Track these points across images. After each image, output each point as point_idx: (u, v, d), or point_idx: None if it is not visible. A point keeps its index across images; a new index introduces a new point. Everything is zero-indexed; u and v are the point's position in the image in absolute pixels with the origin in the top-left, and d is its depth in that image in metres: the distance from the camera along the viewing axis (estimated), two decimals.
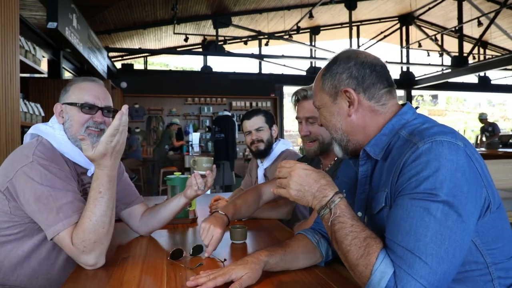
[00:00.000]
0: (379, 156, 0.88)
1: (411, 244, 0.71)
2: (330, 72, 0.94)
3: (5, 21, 2.43)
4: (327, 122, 0.97)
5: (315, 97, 1.00)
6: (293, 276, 1.00)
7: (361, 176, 0.95)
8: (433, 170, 0.73)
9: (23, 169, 1.06)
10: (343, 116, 0.93)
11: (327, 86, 0.95)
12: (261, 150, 2.03)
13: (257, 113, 2.07)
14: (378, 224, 0.86)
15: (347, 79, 0.91)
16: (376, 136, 0.90)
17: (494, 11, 7.68)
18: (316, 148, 1.45)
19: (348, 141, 0.95)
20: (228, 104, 9.35)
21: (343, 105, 0.93)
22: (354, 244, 0.77)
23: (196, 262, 1.11)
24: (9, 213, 1.11)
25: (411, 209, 0.73)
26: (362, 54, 0.94)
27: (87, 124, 1.22)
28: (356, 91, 0.91)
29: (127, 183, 1.47)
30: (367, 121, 0.92)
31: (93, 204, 1.04)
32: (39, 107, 3.27)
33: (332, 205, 0.83)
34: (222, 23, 7.97)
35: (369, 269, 0.74)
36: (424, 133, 0.79)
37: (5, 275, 1.13)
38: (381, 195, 0.85)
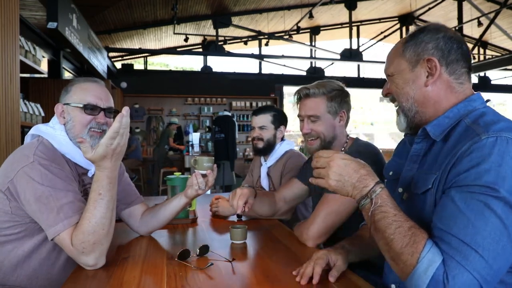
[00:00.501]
0: (438, 137, 0.88)
1: (469, 237, 0.70)
2: (415, 40, 0.92)
3: (5, 21, 2.42)
4: (399, 89, 0.95)
5: (390, 64, 0.97)
6: (293, 277, 1.00)
7: (413, 153, 0.94)
8: (495, 164, 0.72)
9: (24, 169, 1.06)
10: (419, 85, 0.91)
11: (408, 52, 0.93)
12: (259, 148, 2.06)
13: (265, 111, 2.08)
14: (418, 204, 0.86)
15: (433, 49, 0.90)
16: (439, 117, 0.89)
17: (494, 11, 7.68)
18: (317, 146, 1.44)
19: (416, 113, 0.93)
20: (228, 104, 9.35)
21: (421, 74, 0.91)
22: (399, 232, 0.77)
23: (203, 262, 1.11)
24: (9, 213, 1.10)
25: (470, 202, 0.72)
26: (451, 29, 0.93)
27: (90, 126, 1.22)
28: (440, 62, 0.89)
29: (127, 183, 1.47)
30: (441, 96, 0.90)
31: (93, 205, 1.04)
32: (39, 107, 3.27)
33: (373, 195, 0.82)
34: (222, 23, 7.97)
35: (415, 257, 0.73)
36: (489, 126, 0.78)
37: (5, 275, 1.13)
38: (430, 177, 0.84)
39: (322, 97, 1.43)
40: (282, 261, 1.13)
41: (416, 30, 0.95)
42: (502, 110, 26.79)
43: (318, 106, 1.42)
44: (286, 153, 2.04)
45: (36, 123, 3.10)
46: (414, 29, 0.96)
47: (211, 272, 1.04)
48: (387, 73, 0.99)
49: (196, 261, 1.12)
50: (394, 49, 0.98)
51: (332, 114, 1.44)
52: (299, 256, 1.18)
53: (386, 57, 1.01)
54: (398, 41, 0.98)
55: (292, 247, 1.27)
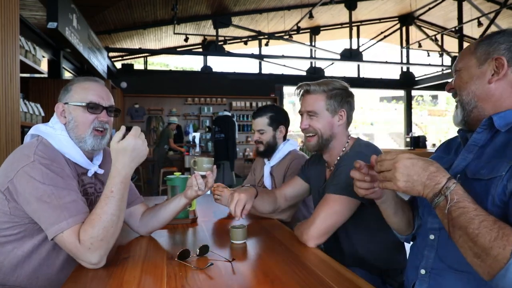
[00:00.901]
0: (504, 128, 0.88)
1: None
2: (490, 40, 0.94)
3: (5, 21, 2.42)
4: (462, 83, 0.97)
5: (460, 60, 1.00)
6: (293, 276, 1.00)
7: (471, 142, 0.94)
8: None
9: (24, 168, 1.06)
10: (483, 81, 0.93)
11: (479, 50, 0.95)
12: (260, 151, 2.08)
13: (261, 114, 2.08)
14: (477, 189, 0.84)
15: (504, 50, 0.92)
16: (506, 110, 0.90)
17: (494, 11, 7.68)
18: (315, 143, 1.45)
19: (475, 107, 0.94)
20: (228, 104, 9.35)
21: (487, 71, 0.93)
22: (484, 226, 0.74)
23: (203, 262, 1.11)
24: (8, 214, 1.10)
25: None
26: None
27: (93, 125, 1.23)
28: (508, 63, 0.91)
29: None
30: (504, 95, 0.91)
31: (104, 202, 1.06)
32: (39, 107, 3.27)
33: (447, 192, 0.80)
34: (222, 23, 7.97)
35: (508, 250, 0.70)
36: None
37: (5, 275, 1.13)
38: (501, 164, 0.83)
39: (321, 94, 1.43)
40: (282, 261, 1.12)
41: (494, 32, 0.97)
42: None
43: (316, 103, 1.43)
44: (289, 153, 2.04)
45: (36, 123, 3.10)
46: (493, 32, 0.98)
47: (211, 272, 1.04)
48: (455, 68, 1.01)
49: (196, 261, 1.12)
50: (468, 46, 1.00)
51: (331, 112, 1.44)
52: (299, 256, 1.18)
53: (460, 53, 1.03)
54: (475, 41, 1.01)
55: (292, 247, 1.27)
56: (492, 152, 0.88)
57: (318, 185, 1.56)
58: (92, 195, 1.30)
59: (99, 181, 1.34)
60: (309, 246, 1.28)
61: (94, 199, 1.31)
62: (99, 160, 1.33)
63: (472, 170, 0.89)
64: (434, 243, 0.96)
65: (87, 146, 1.23)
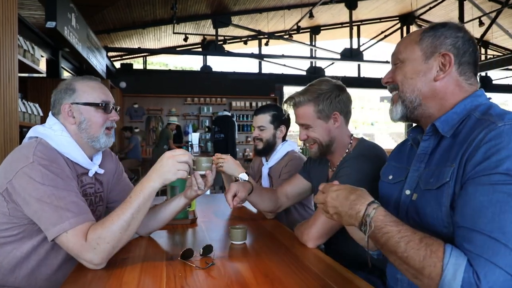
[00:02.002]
0: (448, 133, 0.86)
1: (496, 231, 0.67)
2: (435, 32, 0.91)
3: (3, 20, 2.41)
4: (406, 79, 0.93)
5: (403, 49, 0.95)
6: (293, 276, 0.99)
7: (421, 151, 0.92)
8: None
9: (24, 169, 1.05)
10: (429, 78, 0.90)
11: (425, 42, 0.91)
12: (259, 149, 2.06)
13: (264, 111, 2.07)
14: (431, 201, 0.83)
15: (450, 46, 0.89)
16: (447, 113, 0.88)
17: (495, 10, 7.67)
18: (316, 150, 1.45)
19: (419, 105, 0.92)
20: (228, 104, 9.35)
21: (433, 67, 0.90)
22: (411, 247, 0.73)
23: (204, 262, 1.11)
24: (7, 215, 1.10)
25: (493, 195, 0.69)
26: (469, 32, 0.92)
27: (106, 124, 1.24)
28: (454, 60, 0.88)
29: (126, 184, 1.47)
30: (448, 93, 0.89)
31: (121, 207, 1.08)
32: (37, 107, 3.26)
33: (368, 219, 0.79)
34: (222, 23, 7.96)
35: (438, 266, 0.70)
36: (502, 115, 0.77)
37: (4, 276, 1.12)
38: (446, 170, 0.81)
39: (308, 104, 1.40)
40: (282, 261, 1.12)
41: (437, 23, 0.94)
42: None
43: (306, 115, 1.42)
44: (287, 154, 2.03)
45: (35, 123, 3.09)
46: (436, 22, 0.95)
47: (211, 272, 1.04)
48: (396, 58, 0.96)
49: (199, 261, 1.12)
50: (410, 35, 0.96)
51: (323, 119, 1.41)
52: (299, 257, 1.17)
53: (399, 42, 0.98)
54: (416, 30, 0.97)
55: (292, 248, 1.27)
56: (439, 158, 0.87)
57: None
58: (92, 195, 1.30)
59: (98, 181, 1.34)
60: (309, 247, 1.28)
61: (94, 199, 1.30)
62: (99, 160, 1.32)
63: (423, 180, 0.88)
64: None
65: (100, 144, 1.24)
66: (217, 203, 2.19)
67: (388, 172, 1.06)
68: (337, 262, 1.11)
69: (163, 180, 1.11)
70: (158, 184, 1.10)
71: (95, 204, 1.32)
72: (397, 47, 0.98)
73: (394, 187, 1.00)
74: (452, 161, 0.81)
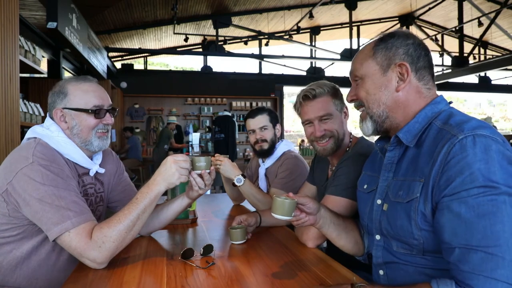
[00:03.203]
0: (412, 143, 0.88)
1: (491, 246, 0.68)
2: (386, 44, 0.93)
3: (5, 21, 2.42)
4: (370, 95, 0.94)
5: (359, 66, 0.96)
6: (293, 276, 1.00)
7: (387, 161, 0.94)
8: (485, 162, 0.71)
9: (23, 170, 1.05)
10: (391, 90, 0.92)
11: (379, 55, 0.93)
12: (265, 150, 2.01)
13: (261, 111, 2.05)
14: (401, 213, 0.85)
15: (404, 55, 0.91)
16: (409, 123, 0.90)
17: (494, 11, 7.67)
18: (332, 145, 1.40)
19: (387, 118, 0.93)
20: (228, 104, 9.35)
21: (392, 79, 0.91)
22: None
23: (204, 261, 1.11)
24: (7, 215, 1.10)
25: (479, 208, 0.70)
26: (417, 37, 0.95)
27: (97, 129, 1.23)
28: (411, 68, 0.90)
29: (127, 183, 1.47)
30: (410, 101, 0.91)
31: (127, 207, 1.10)
32: (38, 107, 3.27)
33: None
34: (222, 23, 7.97)
35: None
36: (462, 125, 0.78)
37: (4, 276, 1.13)
38: (415, 184, 0.82)
39: (327, 96, 1.41)
40: (282, 261, 1.12)
41: (385, 35, 0.96)
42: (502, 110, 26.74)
43: (327, 105, 1.40)
44: (283, 154, 2.02)
45: (36, 123, 3.10)
46: (382, 34, 0.96)
47: (212, 271, 1.04)
48: (355, 75, 0.98)
49: (199, 261, 1.12)
50: (363, 51, 0.97)
51: (339, 111, 1.43)
52: (299, 257, 1.18)
53: (353, 59, 0.99)
54: (365, 45, 0.98)
55: (292, 248, 1.27)
56: (406, 168, 0.88)
57: (321, 184, 1.56)
58: (92, 195, 1.30)
59: (99, 181, 1.34)
60: (309, 247, 1.28)
61: (94, 199, 1.31)
62: (99, 159, 1.32)
63: (393, 191, 0.90)
64: (386, 278, 0.96)
65: (94, 148, 1.24)
66: (217, 203, 2.19)
67: (363, 181, 1.08)
68: (337, 262, 1.11)
69: (167, 183, 1.14)
70: (164, 187, 1.14)
71: (95, 204, 1.32)
72: (353, 64, 0.99)
73: (368, 196, 1.02)
74: (420, 174, 0.82)
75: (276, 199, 0.97)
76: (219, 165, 1.73)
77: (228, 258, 1.17)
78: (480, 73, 10.79)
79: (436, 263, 0.84)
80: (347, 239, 1.10)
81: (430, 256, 0.84)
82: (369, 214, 1.00)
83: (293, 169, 1.90)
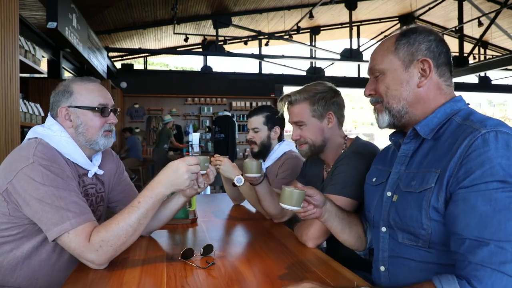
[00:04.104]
0: (429, 135, 0.88)
1: (503, 240, 0.68)
2: (408, 39, 0.92)
3: (5, 21, 2.42)
4: (390, 90, 0.94)
5: (380, 61, 0.95)
6: (293, 276, 1.00)
7: (402, 154, 0.94)
8: (506, 158, 0.72)
9: (24, 170, 1.05)
10: (412, 86, 0.92)
11: (402, 51, 0.92)
12: (254, 152, 2.05)
13: (258, 112, 2.05)
14: (412, 203, 0.85)
15: (426, 50, 0.91)
16: (428, 117, 0.90)
17: (494, 11, 7.67)
18: (307, 150, 1.45)
19: (406, 113, 0.93)
20: (228, 104, 9.35)
21: (414, 75, 0.91)
22: None
23: (205, 261, 1.11)
24: (7, 215, 1.10)
25: (496, 203, 0.70)
26: (439, 34, 0.94)
27: (104, 128, 1.24)
28: (432, 64, 0.90)
29: (127, 183, 1.47)
30: (431, 97, 0.91)
31: (127, 210, 1.07)
32: (38, 107, 3.27)
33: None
34: (222, 23, 7.97)
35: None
36: (484, 122, 0.78)
37: (4, 276, 1.12)
38: (430, 175, 0.83)
39: (304, 103, 1.42)
40: (282, 261, 1.12)
41: (407, 29, 0.94)
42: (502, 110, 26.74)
43: (301, 112, 1.43)
44: (284, 154, 2.02)
45: (36, 123, 3.10)
46: (405, 28, 0.95)
47: (212, 271, 1.04)
48: (375, 70, 0.96)
49: (199, 261, 1.12)
50: (383, 45, 0.96)
51: (318, 118, 1.42)
52: (299, 256, 1.18)
53: (373, 53, 0.98)
54: (385, 39, 0.97)
55: (292, 248, 1.27)
56: (420, 160, 0.89)
57: (316, 186, 1.55)
58: (93, 196, 1.30)
59: (99, 181, 1.34)
60: (309, 246, 1.28)
61: (95, 199, 1.31)
62: (98, 160, 1.33)
63: (404, 182, 0.90)
64: (387, 274, 0.96)
65: (99, 146, 1.24)
66: (217, 203, 2.19)
67: (372, 175, 1.09)
68: (337, 262, 1.12)
69: (175, 188, 1.11)
70: (169, 191, 1.12)
71: (96, 205, 1.32)
72: (373, 58, 0.98)
73: (376, 189, 1.02)
74: (436, 166, 0.82)
75: (285, 189, 0.97)
76: (219, 165, 1.73)
77: (228, 258, 1.17)
78: (480, 73, 10.79)
79: (439, 258, 0.84)
80: (350, 234, 1.12)
81: (435, 249, 0.84)
82: (376, 205, 1.00)
83: (293, 169, 1.90)
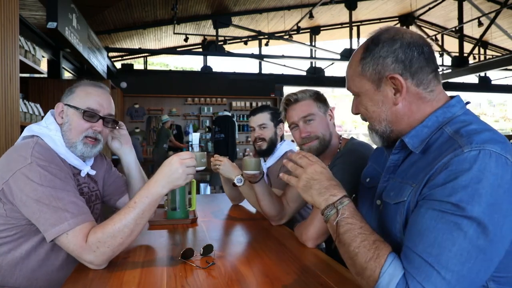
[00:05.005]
0: (418, 149, 0.81)
1: (432, 257, 0.67)
2: (372, 56, 0.83)
3: (5, 21, 2.42)
4: (369, 112, 0.89)
5: (352, 82, 0.90)
6: (293, 276, 1.00)
7: (390, 164, 0.90)
8: (474, 181, 0.67)
9: (22, 170, 1.05)
10: (389, 105, 0.84)
11: (368, 71, 0.84)
12: (263, 149, 2.02)
13: (262, 109, 2.06)
14: (390, 213, 0.84)
15: (393, 64, 0.81)
16: (417, 127, 0.83)
17: (494, 11, 7.68)
18: (317, 145, 1.44)
19: (391, 132, 0.87)
20: (228, 104, 9.36)
21: (388, 93, 0.83)
22: (363, 246, 0.75)
23: (205, 261, 1.11)
24: (4, 216, 1.09)
25: (440, 221, 0.68)
26: (407, 33, 0.83)
27: (86, 134, 1.21)
28: (403, 76, 0.81)
29: (117, 176, 1.50)
30: (413, 110, 0.83)
31: (124, 211, 1.06)
32: (38, 107, 3.27)
33: (340, 206, 0.81)
34: (222, 23, 7.97)
35: (377, 272, 0.71)
36: (472, 136, 0.71)
37: (3, 277, 1.12)
38: (406, 188, 0.80)
39: (309, 99, 1.48)
40: (282, 261, 1.12)
41: (369, 42, 0.85)
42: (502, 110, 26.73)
43: (309, 107, 1.46)
44: (285, 154, 2.02)
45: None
46: (367, 41, 0.86)
47: (212, 271, 1.04)
48: (351, 91, 0.92)
49: (199, 261, 1.12)
50: (351, 66, 0.90)
51: (323, 113, 1.48)
52: (299, 256, 1.18)
53: (346, 72, 0.93)
54: (352, 56, 0.91)
55: (292, 248, 1.27)
56: (403, 170, 0.85)
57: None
58: (87, 194, 1.30)
59: (92, 180, 1.35)
60: (309, 246, 1.28)
61: (89, 198, 1.31)
62: (91, 161, 1.33)
63: (387, 191, 0.87)
64: None
65: (77, 151, 1.22)
66: (217, 203, 2.19)
67: (367, 173, 1.06)
68: (337, 262, 1.11)
69: (172, 186, 1.10)
70: (167, 190, 1.10)
71: (92, 203, 1.33)
72: (347, 78, 0.93)
73: (369, 192, 1.00)
74: (414, 179, 0.79)
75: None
76: (218, 165, 1.72)
77: (228, 258, 1.17)
78: (480, 73, 10.79)
79: None
80: None
81: None
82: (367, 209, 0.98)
83: None
